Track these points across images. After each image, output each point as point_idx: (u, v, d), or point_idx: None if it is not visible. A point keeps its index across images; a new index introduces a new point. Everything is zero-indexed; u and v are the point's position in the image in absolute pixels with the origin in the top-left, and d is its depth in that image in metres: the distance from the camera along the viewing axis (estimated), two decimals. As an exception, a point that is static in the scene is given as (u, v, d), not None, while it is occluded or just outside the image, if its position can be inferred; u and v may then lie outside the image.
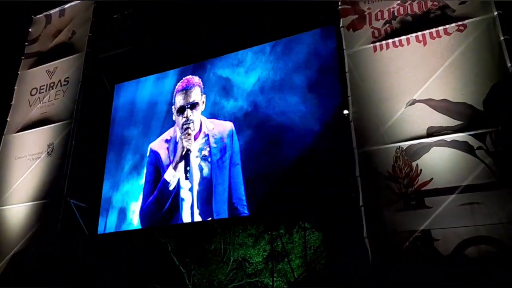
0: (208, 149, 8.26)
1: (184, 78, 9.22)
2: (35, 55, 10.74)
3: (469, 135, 6.02)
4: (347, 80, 7.16)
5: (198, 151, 8.35)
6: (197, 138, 8.49)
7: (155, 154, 8.84)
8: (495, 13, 6.42)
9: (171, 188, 8.36)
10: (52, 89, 9.99)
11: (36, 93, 10.20)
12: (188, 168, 8.30)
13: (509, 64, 6.08)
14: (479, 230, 5.59)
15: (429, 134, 6.27)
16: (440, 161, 6.12)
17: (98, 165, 9.61)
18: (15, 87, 10.50)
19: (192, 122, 8.62)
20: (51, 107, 9.76)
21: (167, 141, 8.84)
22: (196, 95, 8.89)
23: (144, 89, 9.74)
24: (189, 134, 8.52)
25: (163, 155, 8.74)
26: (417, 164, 6.23)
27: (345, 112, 7.25)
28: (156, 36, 10.02)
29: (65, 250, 8.54)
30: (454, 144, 6.08)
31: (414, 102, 6.54)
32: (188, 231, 11.21)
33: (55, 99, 9.82)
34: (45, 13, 11.17)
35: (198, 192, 8.06)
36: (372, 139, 6.65)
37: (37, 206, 8.75)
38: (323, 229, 10.23)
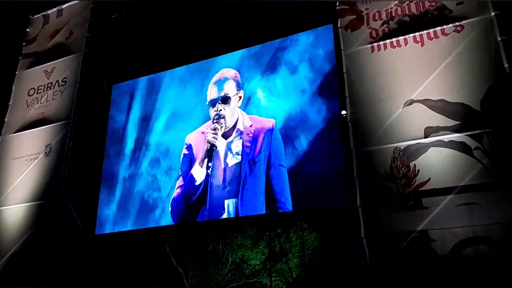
0: (240, 147, 7.91)
1: (220, 70, 8.84)
2: (32, 55, 10.73)
3: (466, 135, 6.03)
4: (345, 81, 7.18)
5: (229, 149, 8.02)
6: (229, 135, 8.12)
7: (189, 146, 8.54)
8: (493, 13, 6.42)
9: (196, 183, 8.08)
10: (50, 89, 9.99)
11: (33, 93, 10.19)
12: (210, 164, 8.00)
13: (506, 65, 6.08)
14: (476, 230, 5.60)
15: (426, 135, 6.28)
16: (437, 161, 6.13)
17: (96, 165, 9.60)
18: (13, 87, 10.49)
19: (223, 117, 8.20)
20: (48, 107, 9.76)
21: (203, 133, 8.43)
22: (229, 88, 8.47)
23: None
24: (215, 129, 8.15)
25: (196, 148, 8.42)
26: (414, 165, 6.23)
27: (343, 112, 7.26)
28: (154, 36, 10.03)
29: (62, 250, 8.53)
30: (451, 145, 6.09)
31: (411, 102, 6.55)
32: (188, 232, 11.21)
33: (52, 99, 9.81)
34: (42, 13, 11.16)
35: (226, 191, 7.80)
36: (370, 140, 6.66)
37: (34, 206, 8.74)
38: (321, 229, 10.25)
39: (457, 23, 6.63)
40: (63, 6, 10.87)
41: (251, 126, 8.02)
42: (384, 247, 6.07)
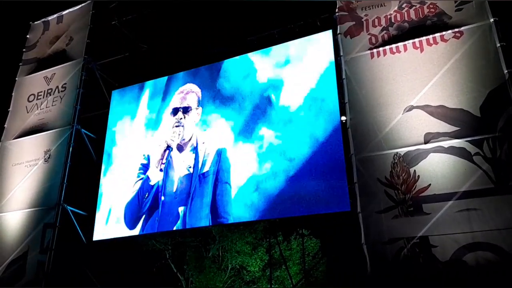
0: (192, 161, 8.31)
1: (186, 84, 9.25)
2: (32, 61, 10.75)
3: (466, 141, 6.04)
4: (344, 87, 7.19)
5: (182, 162, 8.42)
6: (184, 148, 8.56)
7: (147, 157, 8.95)
8: (491, 20, 6.46)
9: (151, 183, 8.55)
10: (50, 95, 10.00)
11: (33, 99, 10.19)
12: (163, 162, 8.50)
13: (505, 71, 6.10)
14: (477, 236, 5.59)
15: (426, 140, 6.29)
16: (437, 167, 6.13)
17: (95, 171, 9.58)
18: (13, 93, 10.51)
19: (183, 126, 8.74)
20: (48, 113, 9.76)
21: (159, 145, 8.90)
22: (191, 101, 8.94)
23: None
24: (174, 133, 8.69)
25: (153, 157, 8.88)
26: (414, 170, 6.23)
27: (343, 118, 7.26)
28: (154, 43, 10.05)
29: (62, 257, 8.51)
30: (451, 150, 6.10)
31: (411, 108, 6.57)
32: (185, 238, 11.20)
33: (52, 105, 9.82)
34: (43, 20, 11.20)
35: (175, 200, 8.16)
36: (370, 146, 6.66)
37: (34, 213, 8.72)
38: (322, 235, 10.23)
39: (456, 30, 6.66)
40: (63, 13, 10.91)
41: (203, 143, 8.42)
42: (384, 253, 6.04)
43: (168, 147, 8.64)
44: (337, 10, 7.76)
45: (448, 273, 5.60)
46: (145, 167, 8.86)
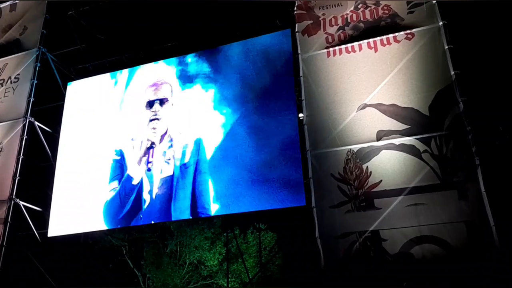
0: (172, 153, 8.20)
1: (157, 74, 9.07)
2: (-17, 51, 10.31)
3: (416, 139, 6.29)
4: (301, 84, 7.31)
5: (162, 154, 8.28)
6: (162, 140, 8.42)
7: (120, 152, 8.75)
8: (440, 23, 6.74)
9: (134, 183, 8.30)
10: (2, 86, 9.63)
11: (-17, 90, 9.79)
12: (150, 160, 8.28)
13: (452, 72, 6.40)
14: (423, 230, 5.85)
15: (378, 138, 6.50)
16: (389, 163, 6.36)
17: (50, 165, 9.34)
18: (-38, 84, 10.05)
19: (160, 119, 8.56)
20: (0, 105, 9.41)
21: (132, 139, 8.72)
22: (166, 92, 8.79)
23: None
24: (154, 128, 8.51)
25: (127, 153, 8.66)
26: (367, 167, 6.43)
27: (300, 115, 7.39)
28: (111, 34, 9.88)
29: (14, 253, 8.28)
30: (402, 148, 6.33)
31: (365, 106, 6.76)
32: (143, 233, 11.11)
33: (4, 96, 9.46)
34: (-6, 7, 10.76)
35: (158, 195, 8.03)
36: (325, 142, 6.82)
37: (-16, 208, 8.39)
38: (278, 230, 10.39)
39: (408, 31, 6.92)
40: (17, 1, 10.50)
41: (180, 133, 8.33)
42: (337, 247, 6.21)
43: (152, 145, 8.40)
44: (295, 8, 7.86)
45: (396, 266, 5.82)
46: (119, 163, 8.62)
